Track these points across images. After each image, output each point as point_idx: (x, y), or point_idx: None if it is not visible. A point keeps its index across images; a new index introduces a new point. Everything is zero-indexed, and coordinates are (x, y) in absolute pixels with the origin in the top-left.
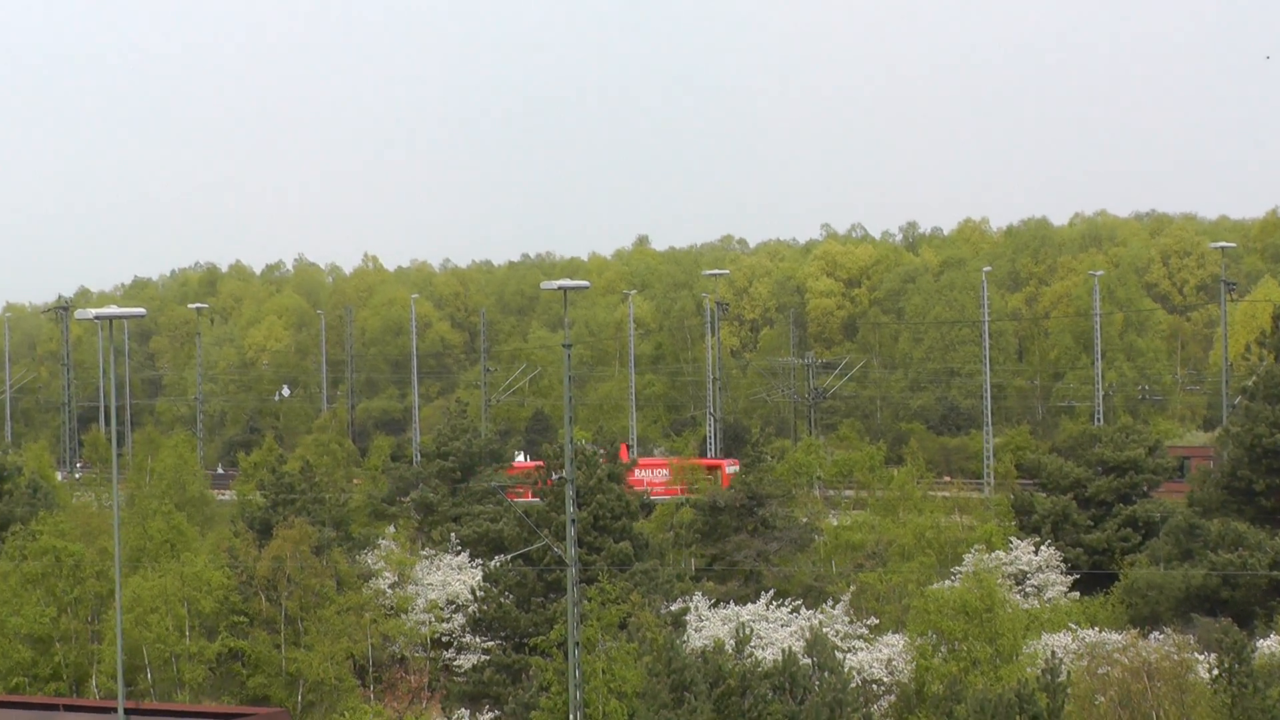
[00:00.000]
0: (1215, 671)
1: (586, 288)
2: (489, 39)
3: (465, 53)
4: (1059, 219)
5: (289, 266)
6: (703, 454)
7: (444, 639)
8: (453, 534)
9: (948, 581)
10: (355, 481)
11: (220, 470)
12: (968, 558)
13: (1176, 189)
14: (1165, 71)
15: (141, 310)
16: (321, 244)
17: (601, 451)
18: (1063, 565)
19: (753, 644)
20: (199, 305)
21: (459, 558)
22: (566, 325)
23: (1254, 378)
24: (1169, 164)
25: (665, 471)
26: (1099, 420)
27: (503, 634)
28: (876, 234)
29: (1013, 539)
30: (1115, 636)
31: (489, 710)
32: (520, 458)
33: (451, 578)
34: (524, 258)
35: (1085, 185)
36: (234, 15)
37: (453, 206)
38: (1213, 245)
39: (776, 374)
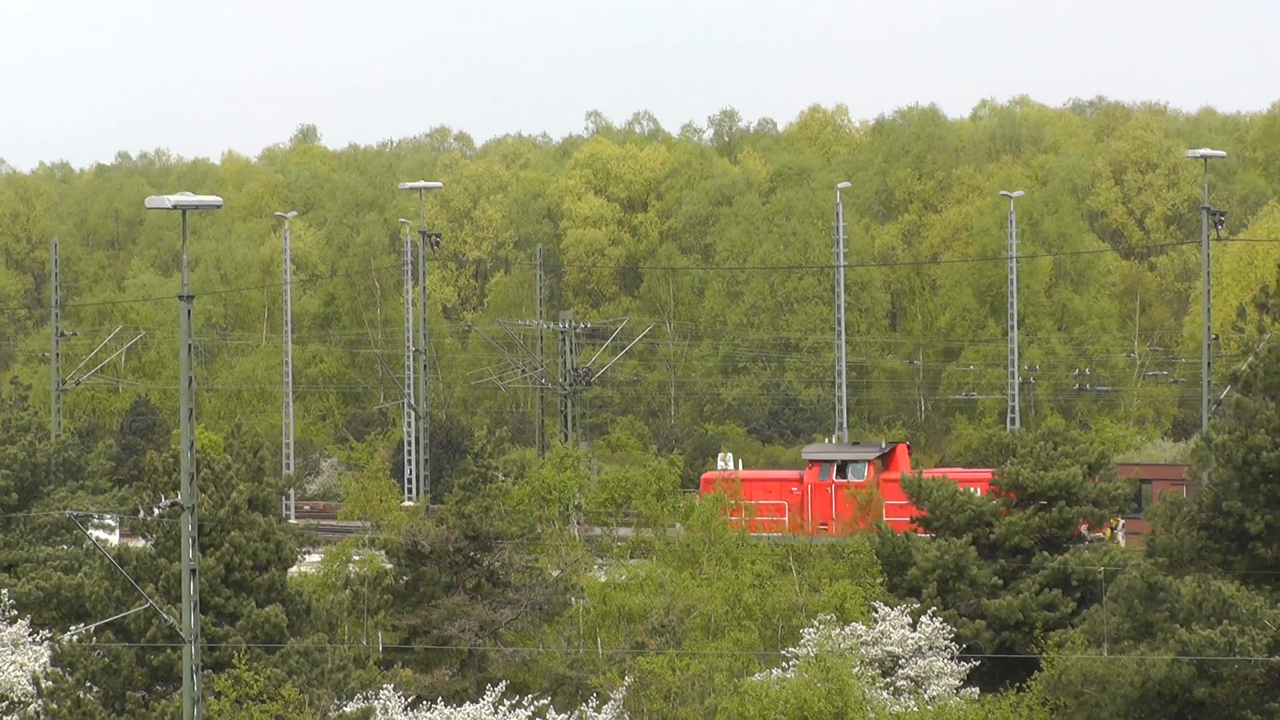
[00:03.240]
0: None
1: (218, 207)
2: None
3: None
4: (956, 110)
5: None
6: (398, 469)
7: None
8: (3, 590)
9: (777, 670)
10: None
11: None
12: (808, 634)
13: (1136, 68)
14: None
15: None
16: None
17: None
18: (954, 646)
19: None
20: None
21: (14, 628)
22: (185, 266)
23: (1250, 358)
24: (1124, 29)
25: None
26: (1014, 422)
27: None
28: (673, 129)
29: (878, 605)
30: None
31: None
32: (723, 463)
33: (2, 659)
34: (121, 159)
35: (996, 58)
36: None
37: (7, 82)
38: (1191, 154)
39: (514, 345)
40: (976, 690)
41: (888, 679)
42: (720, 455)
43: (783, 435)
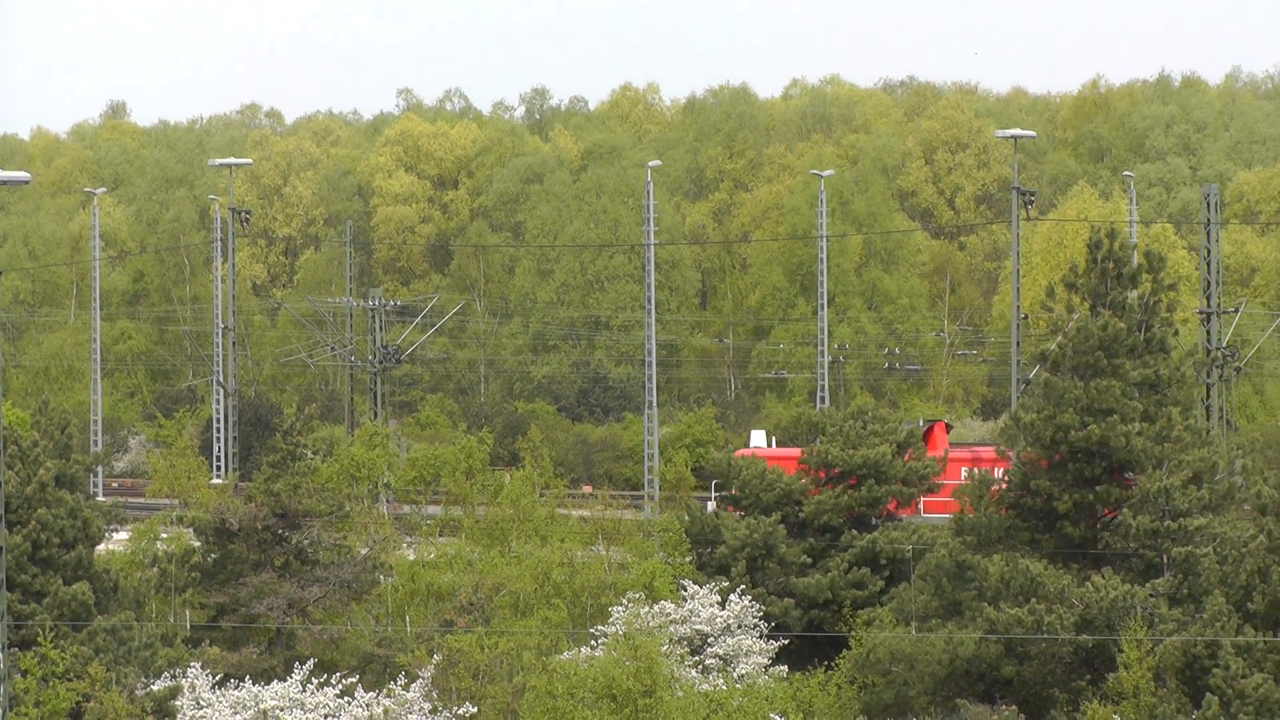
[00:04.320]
0: None
1: (26, 182)
2: None
3: None
4: (767, 89)
5: None
6: (207, 446)
7: None
8: None
9: (586, 649)
10: None
11: None
12: (617, 612)
13: (945, 46)
14: None
15: None
16: None
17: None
18: (763, 624)
19: None
20: None
21: None
22: None
23: (1059, 338)
24: (936, 8)
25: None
26: (823, 401)
27: None
28: (484, 107)
29: (687, 583)
30: None
31: None
32: (759, 440)
33: None
34: None
35: (808, 37)
36: None
37: None
38: (1001, 134)
39: (324, 323)
40: (785, 668)
41: (697, 657)
42: (754, 432)
43: (592, 413)
